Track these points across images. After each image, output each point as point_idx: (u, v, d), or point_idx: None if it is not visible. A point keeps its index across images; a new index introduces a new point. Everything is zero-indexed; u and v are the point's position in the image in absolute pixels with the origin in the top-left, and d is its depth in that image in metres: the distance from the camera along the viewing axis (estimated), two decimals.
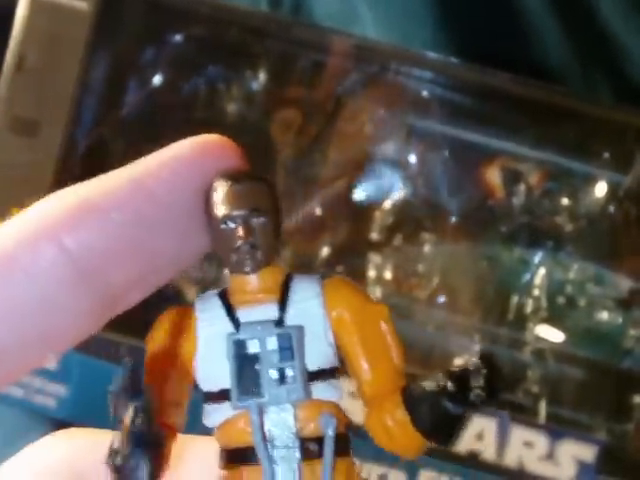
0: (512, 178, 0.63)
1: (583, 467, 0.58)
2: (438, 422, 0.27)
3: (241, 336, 0.27)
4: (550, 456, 0.58)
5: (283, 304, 0.27)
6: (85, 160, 0.62)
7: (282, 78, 0.63)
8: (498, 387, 0.26)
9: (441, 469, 0.58)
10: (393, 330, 0.28)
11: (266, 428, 0.27)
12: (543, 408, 0.61)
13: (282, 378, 0.27)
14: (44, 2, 0.60)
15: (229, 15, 0.63)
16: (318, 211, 0.63)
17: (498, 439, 0.58)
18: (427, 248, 0.63)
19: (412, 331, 0.62)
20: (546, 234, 0.63)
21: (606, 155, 0.62)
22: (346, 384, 0.28)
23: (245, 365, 0.27)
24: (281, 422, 0.27)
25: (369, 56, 0.62)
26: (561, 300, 0.63)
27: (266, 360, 0.27)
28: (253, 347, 0.27)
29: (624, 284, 0.62)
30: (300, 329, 0.27)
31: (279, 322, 0.27)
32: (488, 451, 0.58)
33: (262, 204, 0.27)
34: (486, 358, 0.26)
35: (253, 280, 0.27)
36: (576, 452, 0.58)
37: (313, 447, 0.27)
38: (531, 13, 0.66)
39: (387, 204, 0.63)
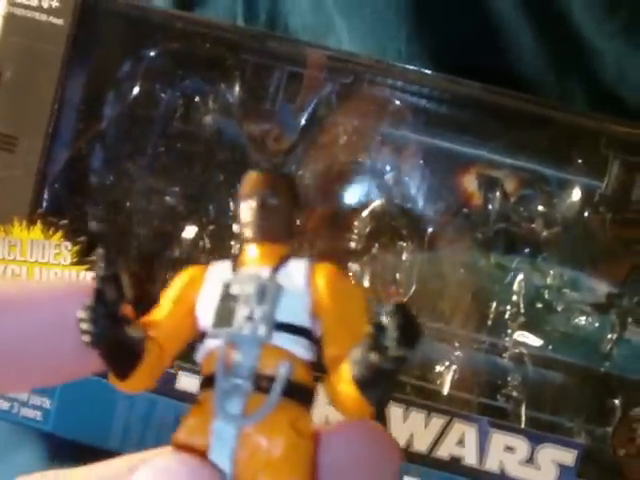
0: (488, 185, 0.63)
1: (563, 471, 0.58)
2: (366, 375, 0.30)
3: (229, 280, 0.32)
4: (531, 460, 0.58)
5: (275, 269, 0.32)
6: (64, 175, 0.63)
7: (257, 90, 0.63)
8: (414, 335, 0.29)
9: (423, 475, 0.59)
10: (365, 309, 0.32)
11: (233, 360, 0.31)
12: (523, 413, 0.61)
13: (251, 317, 0.31)
14: (20, 18, 0.61)
15: (204, 29, 0.63)
16: (297, 221, 0.63)
17: (479, 444, 0.58)
18: (405, 256, 0.63)
19: None
20: (523, 240, 0.63)
21: (580, 161, 0.62)
22: None
23: (226, 302, 0.32)
24: (246, 357, 0.31)
25: (343, 67, 0.63)
26: (539, 305, 0.63)
27: (242, 301, 0.31)
28: (235, 289, 0.32)
29: (601, 289, 0.63)
30: (277, 284, 0.32)
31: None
32: (469, 456, 0.58)
33: (277, 191, 0.33)
34: (399, 309, 0.29)
35: (259, 249, 0.33)
36: (556, 456, 0.58)
37: (265, 383, 0.31)
38: (503, 20, 0.67)
39: (364, 213, 0.63)
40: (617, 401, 0.61)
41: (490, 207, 0.63)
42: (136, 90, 0.63)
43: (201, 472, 0.29)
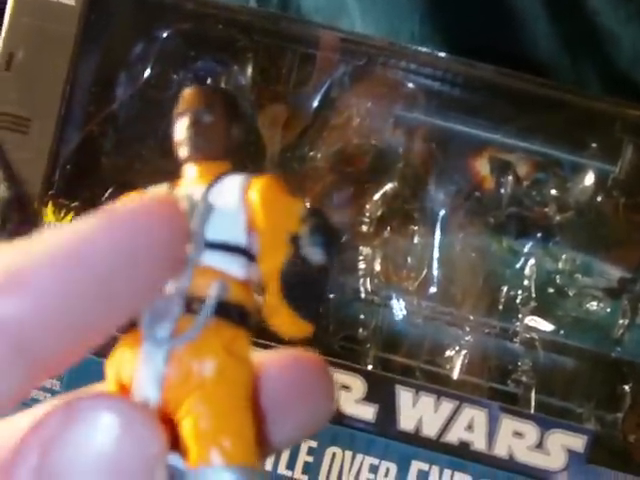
0: (501, 169, 0.63)
1: (573, 456, 0.58)
2: (292, 287, 0.29)
3: None
4: (540, 446, 0.58)
5: (209, 187, 0.30)
6: (76, 156, 0.63)
7: (270, 72, 0.63)
8: (330, 240, 0.28)
9: (432, 460, 0.59)
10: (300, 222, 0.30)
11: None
12: (533, 398, 0.61)
13: None
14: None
15: (217, 10, 0.63)
16: (307, 204, 0.63)
17: (488, 429, 0.58)
18: (416, 239, 0.63)
19: (402, 323, 0.63)
20: (535, 224, 0.63)
21: (594, 145, 0.62)
22: None
23: None
24: (177, 281, 0.29)
25: (356, 49, 0.62)
26: (551, 290, 0.63)
27: None
28: None
29: (613, 274, 0.63)
30: (206, 203, 0.30)
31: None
32: (478, 441, 0.58)
33: (211, 106, 0.31)
34: (312, 213, 0.29)
35: (196, 168, 0.31)
36: (566, 441, 0.58)
37: (197, 305, 0.29)
38: (518, 4, 0.66)
39: (376, 196, 0.63)
40: (627, 387, 0.61)
41: (502, 191, 0.63)
42: (148, 72, 0.63)
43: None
